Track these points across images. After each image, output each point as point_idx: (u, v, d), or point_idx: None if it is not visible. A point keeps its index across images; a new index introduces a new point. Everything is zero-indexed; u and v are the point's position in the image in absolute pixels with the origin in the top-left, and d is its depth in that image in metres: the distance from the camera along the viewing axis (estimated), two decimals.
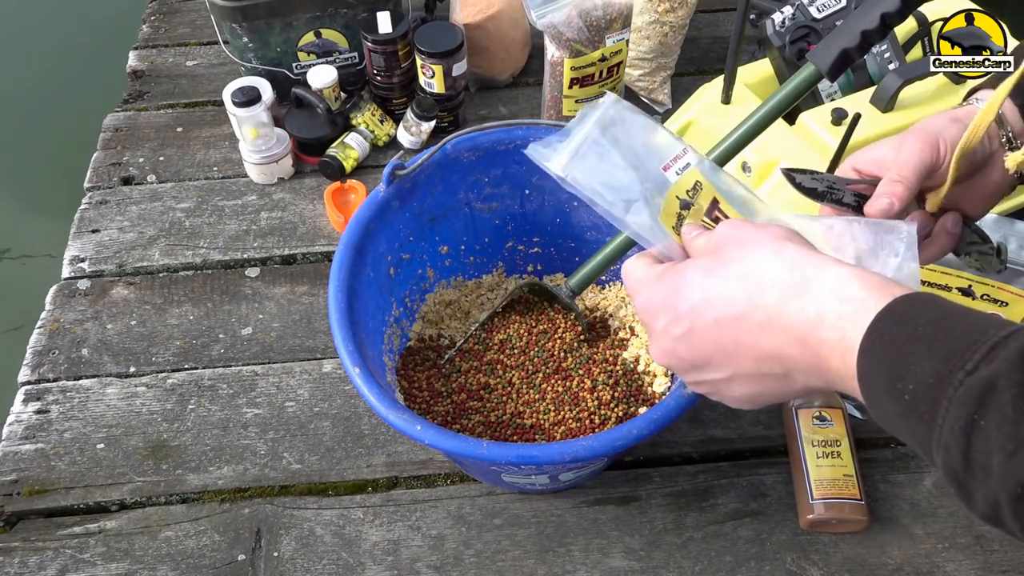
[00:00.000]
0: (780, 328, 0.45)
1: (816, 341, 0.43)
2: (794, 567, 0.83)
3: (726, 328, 0.48)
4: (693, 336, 0.50)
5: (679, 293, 0.50)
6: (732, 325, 0.47)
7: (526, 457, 0.66)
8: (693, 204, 0.57)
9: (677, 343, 0.51)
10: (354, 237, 0.80)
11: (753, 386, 0.50)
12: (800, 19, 0.94)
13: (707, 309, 0.48)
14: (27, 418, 0.95)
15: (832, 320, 0.43)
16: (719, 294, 0.48)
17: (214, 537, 0.86)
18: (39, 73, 2.12)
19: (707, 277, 0.49)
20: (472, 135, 0.86)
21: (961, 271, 0.67)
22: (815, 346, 0.44)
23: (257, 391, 0.97)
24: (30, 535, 0.86)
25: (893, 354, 0.38)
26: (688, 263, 0.51)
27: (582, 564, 0.83)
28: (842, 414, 0.88)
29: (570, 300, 0.86)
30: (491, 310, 0.89)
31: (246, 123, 1.12)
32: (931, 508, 0.87)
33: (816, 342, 0.43)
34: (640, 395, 0.84)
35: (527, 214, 0.94)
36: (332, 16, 1.20)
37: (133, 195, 1.18)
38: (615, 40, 1.09)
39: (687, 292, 0.50)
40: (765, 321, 0.46)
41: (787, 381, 0.48)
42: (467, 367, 0.87)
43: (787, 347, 0.45)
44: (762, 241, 0.48)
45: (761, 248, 0.47)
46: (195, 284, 1.08)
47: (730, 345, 0.48)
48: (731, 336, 0.48)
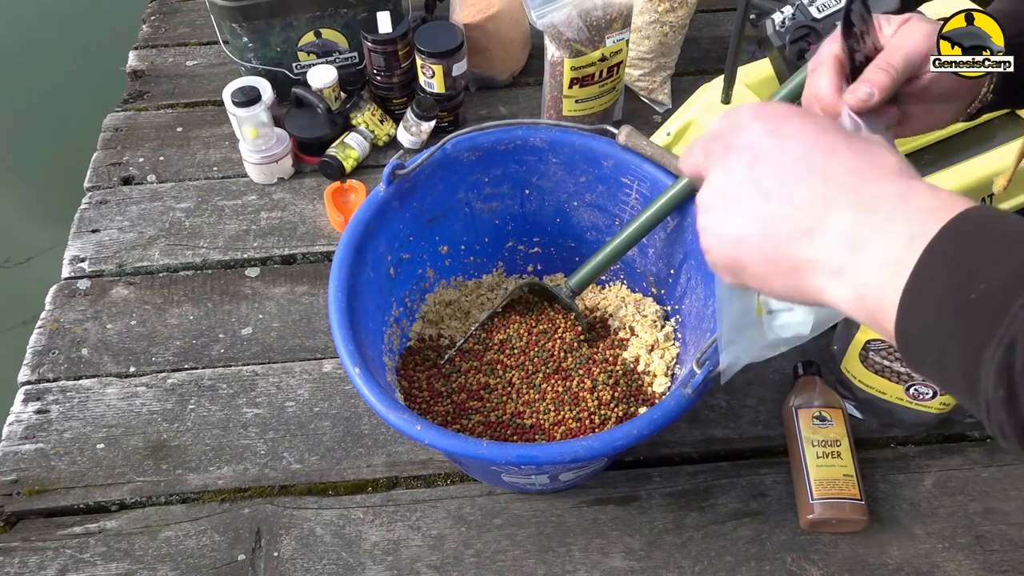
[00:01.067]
0: (853, 185, 0.41)
1: (878, 217, 0.39)
2: (794, 567, 0.83)
3: (808, 139, 0.43)
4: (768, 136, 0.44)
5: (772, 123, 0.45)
6: (818, 140, 0.43)
7: (526, 457, 0.66)
8: None
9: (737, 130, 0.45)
10: (354, 237, 0.80)
11: (759, 214, 0.43)
12: (800, 19, 0.94)
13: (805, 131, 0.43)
14: (27, 418, 0.95)
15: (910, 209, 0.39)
16: (821, 128, 0.43)
17: (214, 537, 0.86)
18: (39, 73, 2.12)
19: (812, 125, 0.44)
20: (472, 135, 0.86)
21: None
22: (874, 211, 0.39)
23: (257, 391, 0.97)
24: (30, 535, 0.86)
25: (965, 254, 0.36)
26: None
27: (582, 564, 0.83)
28: (842, 414, 0.88)
29: (570, 300, 0.86)
30: (491, 310, 0.89)
31: (246, 123, 1.12)
32: (931, 508, 0.86)
33: (878, 217, 0.39)
34: (640, 395, 0.84)
35: (527, 214, 0.94)
36: (332, 16, 1.20)
37: (133, 195, 1.18)
38: (615, 40, 1.09)
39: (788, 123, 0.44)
40: (846, 167, 0.41)
41: (796, 238, 0.42)
42: (467, 367, 0.87)
43: (842, 197, 0.40)
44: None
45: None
46: (195, 284, 1.08)
47: (793, 149, 0.43)
48: (802, 143, 0.43)
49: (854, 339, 0.84)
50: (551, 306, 0.91)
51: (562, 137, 0.87)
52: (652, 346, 0.88)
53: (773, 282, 0.44)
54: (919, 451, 0.91)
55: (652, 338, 0.88)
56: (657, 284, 0.91)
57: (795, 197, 0.42)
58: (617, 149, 0.86)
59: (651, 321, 0.90)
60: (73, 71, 2.08)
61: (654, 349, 0.88)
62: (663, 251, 0.88)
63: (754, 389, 0.96)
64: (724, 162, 0.45)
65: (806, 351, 0.98)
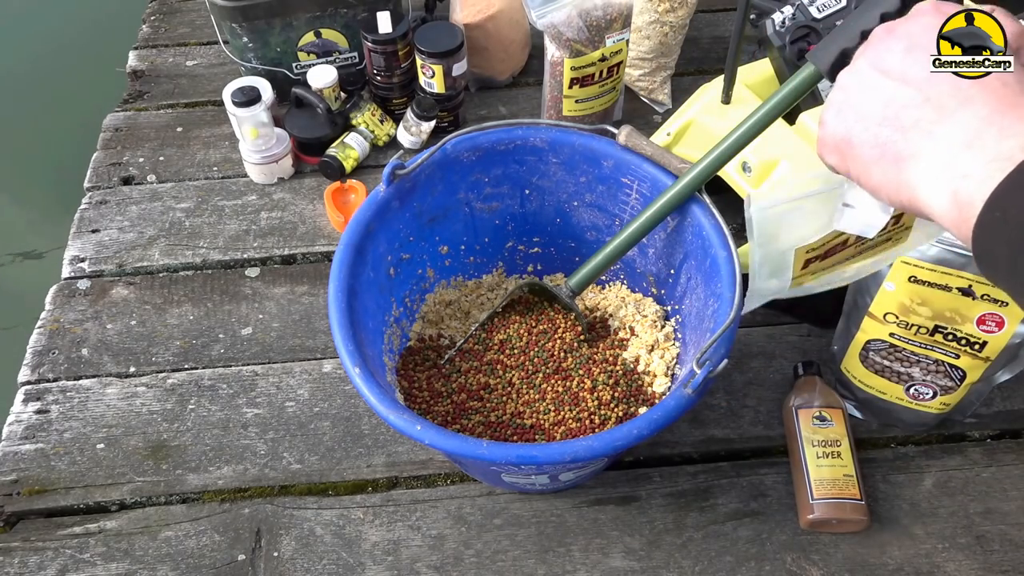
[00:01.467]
0: (1000, 94, 0.41)
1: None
2: (794, 567, 0.83)
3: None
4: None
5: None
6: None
7: (526, 457, 0.66)
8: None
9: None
10: (354, 237, 0.80)
11: (893, 96, 0.43)
12: (800, 19, 0.94)
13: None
14: (27, 418, 0.95)
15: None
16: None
17: (214, 537, 0.86)
18: (39, 73, 2.12)
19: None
20: (472, 135, 0.86)
21: (962, 271, 0.67)
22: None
23: (257, 391, 0.97)
24: (30, 535, 0.86)
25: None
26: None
27: (582, 564, 0.83)
28: (842, 414, 0.88)
29: (570, 300, 0.86)
30: (491, 310, 0.89)
31: (246, 123, 1.12)
32: (931, 508, 0.87)
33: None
34: (640, 395, 0.84)
35: (527, 214, 0.94)
36: (332, 16, 1.20)
37: (133, 195, 1.18)
38: (615, 40, 1.09)
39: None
40: (1003, 80, 0.42)
41: (919, 128, 0.42)
42: (467, 367, 0.87)
43: (982, 98, 0.41)
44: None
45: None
46: (195, 284, 1.08)
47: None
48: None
49: (854, 339, 0.83)
50: (551, 306, 0.91)
51: (562, 137, 0.87)
52: (652, 346, 0.88)
53: (872, 169, 0.44)
54: (919, 451, 0.91)
55: (652, 338, 0.88)
56: (657, 284, 0.91)
57: (936, 88, 0.42)
58: (617, 149, 0.85)
59: (651, 321, 0.90)
60: (73, 71, 2.08)
61: (654, 349, 0.88)
62: (663, 251, 0.88)
63: (754, 389, 0.96)
64: (882, 43, 0.46)
65: (806, 351, 0.98)
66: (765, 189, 0.90)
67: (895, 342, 0.72)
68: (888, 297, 0.67)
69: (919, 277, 0.64)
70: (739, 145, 0.69)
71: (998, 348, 0.69)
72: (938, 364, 0.72)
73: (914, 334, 0.70)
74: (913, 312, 0.67)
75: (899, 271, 0.64)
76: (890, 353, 0.80)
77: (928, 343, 0.70)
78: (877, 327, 0.71)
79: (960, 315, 0.66)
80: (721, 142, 0.70)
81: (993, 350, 0.69)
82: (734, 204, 0.92)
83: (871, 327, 0.72)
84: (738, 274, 0.74)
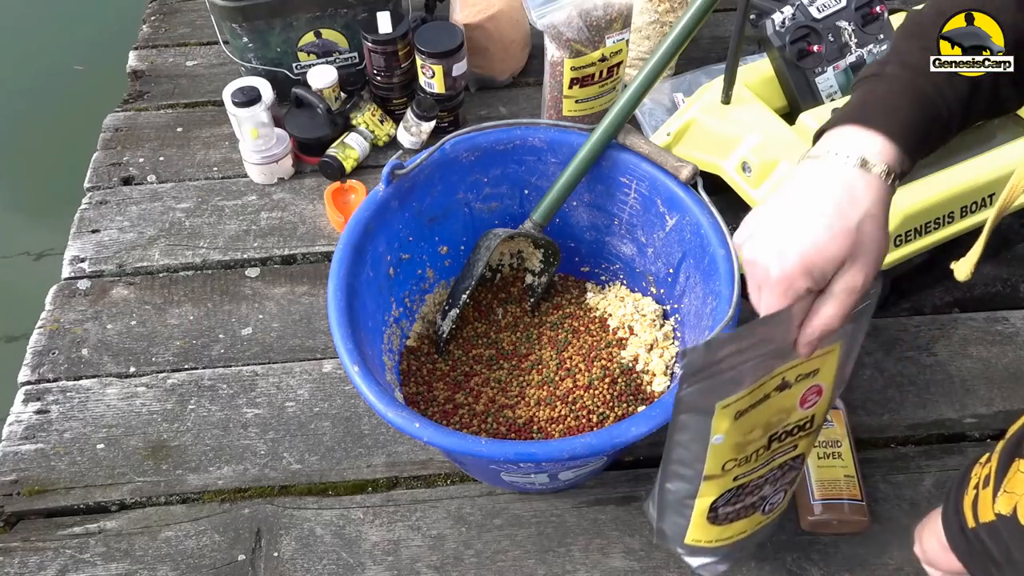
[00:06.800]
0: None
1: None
2: (794, 567, 0.83)
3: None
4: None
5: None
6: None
7: (524, 455, 0.66)
8: None
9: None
10: (353, 237, 0.80)
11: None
12: (800, 19, 0.94)
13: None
14: (27, 418, 0.95)
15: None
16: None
17: (214, 537, 0.86)
18: (39, 73, 2.12)
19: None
20: (471, 135, 0.86)
21: (770, 373, 0.62)
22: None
23: (257, 391, 0.97)
24: (30, 535, 0.86)
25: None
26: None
27: (582, 564, 0.83)
28: (842, 414, 0.87)
29: (537, 232, 0.87)
30: (472, 280, 0.88)
31: (246, 123, 1.12)
32: (931, 508, 0.86)
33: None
34: (639, 394, 0.84)
35: (526, 214, 0.94)
36: (332, 16, 1.20)
37: (133, 195, 1.18)
38: (615, 40, 1.09)
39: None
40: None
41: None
42: (467, 367, 0.87)
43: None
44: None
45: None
46: (195, 284, 1.08)
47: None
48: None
49: (693, 513, 0.71)
50: (551, 306, 0.91)
51: (561, 137, 0.87)
52: (651, 345, 0.88)
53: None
54: (919, 451, 0.91)
55: (651, 337, 0.88)
56: (656, 283, 0.91)
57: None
58: (616, 149, 0.86)
59: (650, 320, 0.90)
60: (73, 71, 2.08)
61: (653, 348, 0.88)
62: (662, 250, 0.88)
63: None
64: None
65: None
66: (764, 191, 0.90)
67: (741, 482, 0.67)
68: (721, 450, 0.62)
69: (741, 408, 0.59)
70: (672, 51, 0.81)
71: (823, 411, 0.65)
72: (782, 466, 0.68)
73: (755, 461, 0.65)
74: (749, 443, 0.63)
75: (722, 419, 0.59)
76: (737, 494, 0.69)
77: (768, 458, 0.65)
78: (719, 483, 0.65)
79: (785, 411, 0.62)
80: (657, 48, 0.82)
81: (820, 416, 0.64)
82: (734, 204, 0.92)
83: (712, 488, 0.65)
84: (736, 272, 0.74)
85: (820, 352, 0.57)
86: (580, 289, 0.97)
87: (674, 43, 0.83)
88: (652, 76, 0.84)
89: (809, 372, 0.59)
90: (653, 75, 0.84)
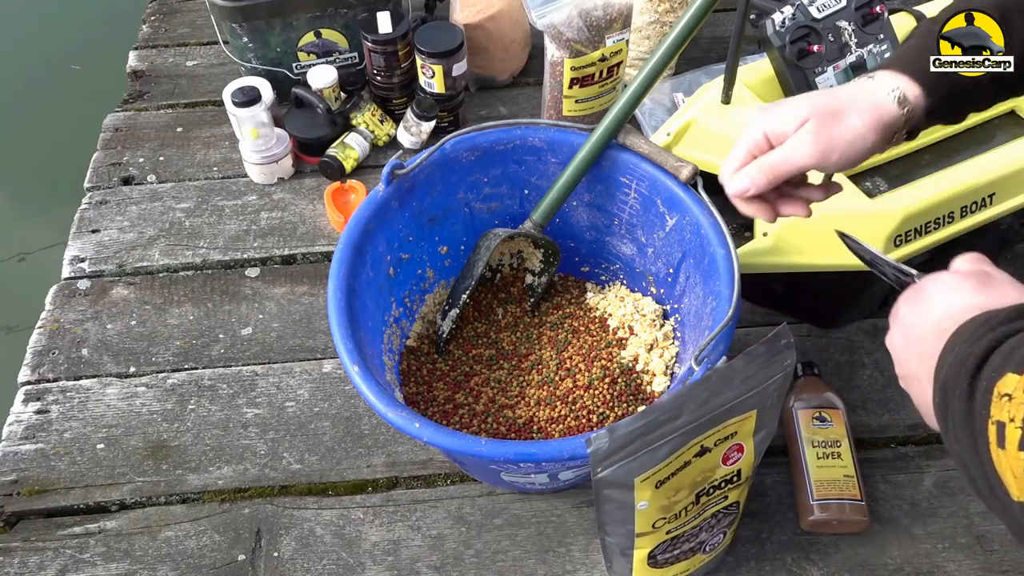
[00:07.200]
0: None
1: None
2: (794, 567, 0.83)
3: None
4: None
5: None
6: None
7: (524, 454, 0.66)
8: None
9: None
10: (353, 237, 0.80)
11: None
12: (800, 19, 0.94)
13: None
14: (27, 418, 0.95)
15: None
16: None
17: (214, 537, 0.86)
18: (39, 73, 2.12)
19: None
20: (471, 135, 0.86)
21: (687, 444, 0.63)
22: None
23: (257, 391, 0.97)
24: (30, 535, 0.86)
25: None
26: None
27: (582, 564, 0.83)
28: (842, 414, 0.87)
29: (537, 232, 0.87)
30: (472, 280, 0.88)
31: (246, 123, 1.12)
32: (931, 508, 0.86)
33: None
34: (639, 394, 0.84)
35: (527, 214, 0.94)
36: (332, 16, 1.20)
37: (133, 195, 1.18)
38: (615, 40, 1.09)
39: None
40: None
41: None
42: (467, 367, 0.87)
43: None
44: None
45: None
46: (195, 284, 1.08)
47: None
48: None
49: (633, 563, 0.74)
50: (551, 305, 0.91)
51: (561, 137, 0.87)
52: (651, 345, 0.88)
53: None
54: (919, 451, 0.91)
55: (651, 337, 0.88)
56: (656, 283, 0.91)
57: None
58: (616, 149, 0.86)
59: (650, 320, 0.90)
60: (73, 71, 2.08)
61: (653, 348, 0.88)
62: (662, 250, 0.88)
63: None
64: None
65: (806, 351, 0.98)
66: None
67: (675, 535, 0.69)
68: (647, 513, 0.63)
69: (661, 478, 0.61)
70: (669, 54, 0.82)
71: (750, 464, 0.67)
72: (715, 515, 0.70)
73: (685, 516, 0.67)
74: (675, 504, 0.65)
75: (643, 490, 0.60)
76: (673, 543, 0.72)
77: (699, 511, 0.68)
78: (652, 538, 0.67)
79: (709, 470, 0.64)
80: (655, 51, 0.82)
81: (747, 469, 0.66)
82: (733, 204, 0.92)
83: (646, 542, 0.67)
84: (736, 272, 0.74)
85: (735, 420, 0.61)
86: (580, 289, 0.97)
87: (674, 43, 0.82)
88: (652, 76, 0.83)
89: (727, 436, 0.62)
90: (653, 75, 0.83)
